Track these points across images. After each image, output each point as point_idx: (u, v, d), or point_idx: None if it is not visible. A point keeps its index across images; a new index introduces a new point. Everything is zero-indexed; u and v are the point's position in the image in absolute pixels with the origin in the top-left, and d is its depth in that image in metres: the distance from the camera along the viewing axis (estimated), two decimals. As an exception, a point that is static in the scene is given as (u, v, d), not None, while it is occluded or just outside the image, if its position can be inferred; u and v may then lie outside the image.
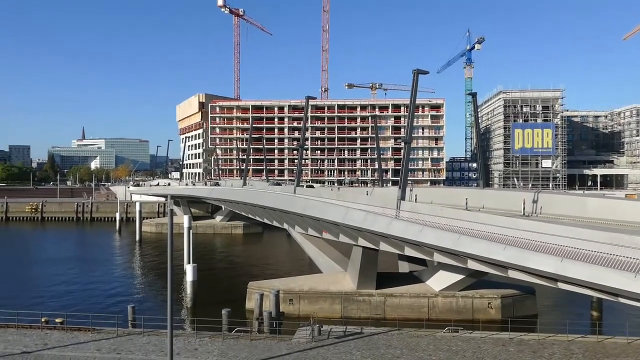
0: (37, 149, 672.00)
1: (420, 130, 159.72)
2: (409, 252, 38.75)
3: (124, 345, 30.37)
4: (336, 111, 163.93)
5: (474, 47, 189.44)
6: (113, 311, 39.77)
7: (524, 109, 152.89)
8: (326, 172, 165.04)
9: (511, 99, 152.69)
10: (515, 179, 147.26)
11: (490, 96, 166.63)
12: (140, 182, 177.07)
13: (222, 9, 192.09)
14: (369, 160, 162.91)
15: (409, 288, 44.40)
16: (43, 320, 34.69)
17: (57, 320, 34.68)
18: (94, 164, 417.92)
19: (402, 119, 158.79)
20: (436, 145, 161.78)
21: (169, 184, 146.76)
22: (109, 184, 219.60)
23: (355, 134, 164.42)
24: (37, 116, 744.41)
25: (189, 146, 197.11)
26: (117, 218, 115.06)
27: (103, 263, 74.42)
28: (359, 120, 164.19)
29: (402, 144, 51.40)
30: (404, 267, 50.15)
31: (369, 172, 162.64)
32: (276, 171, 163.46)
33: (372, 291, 43.75)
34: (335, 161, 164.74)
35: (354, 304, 43.59)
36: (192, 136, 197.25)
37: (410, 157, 42.96)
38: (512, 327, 33.27)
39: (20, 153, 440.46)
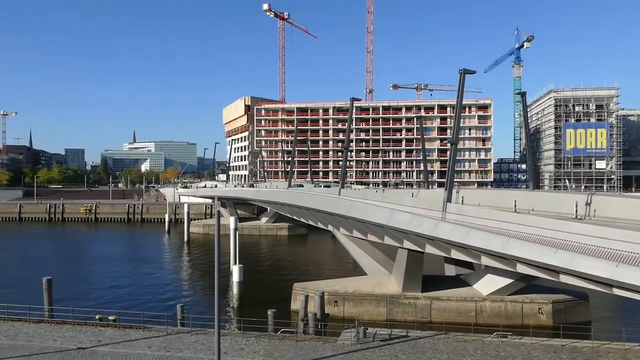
0: (91, 152, 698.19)
1: (467, 131, 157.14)
2: (455, 255, 38.10)
3: (173, 344, 31.10)
4: (381, 112, 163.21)
5: (522, 46, 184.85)
6: (163, 310, 40.80)
7: (576, 108, 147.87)
8: (371, 174, 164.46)
9: (562, 98, 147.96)
10: (566, 181, 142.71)
11: (540, 95, 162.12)
12: (188, 184, 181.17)
13: (268, 13, 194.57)
14: (414, 162, 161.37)
15: (456, 291, 43.62)
16: (97, 317, 35.95)
17: (110, 317, 35.90)
18: (144, 167, 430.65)
19: (449, 119, 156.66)
20: (483, 146, 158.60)
21: (215, 186, 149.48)
22: (159, 186, 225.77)
23: (400, 135, 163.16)
24: (91, 120, 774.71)
25: (235, 148, 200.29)
26: (166, 219, 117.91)
27: (153, 263, 76.47)
28: (404, 121, 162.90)
29: (449, 145, 50.64)
30: (450, 270, 49.35)
31: (414, 173, 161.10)
32: (321, 173, 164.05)
33: (418, 294, 43.23)
34: (380, 163, 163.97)
35: (399, 307, 43.20)
36: (238, 139, 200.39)
37: (457, 158, 42.30)
38: (564, 334, 32.10)
39: (76, 156, 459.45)
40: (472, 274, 45.83)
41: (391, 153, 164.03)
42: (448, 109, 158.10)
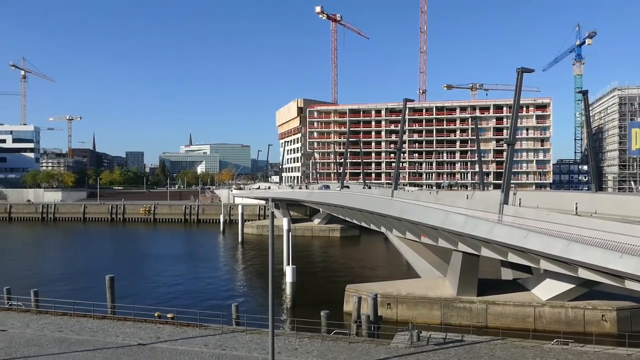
0: (150, 155, 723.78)
1: (525, 132, 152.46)
2: (512, 258, 37.02)
3: (229, 342, 31.71)
4: (434, 113, 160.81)
5: (584, 42, 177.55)
6: (218, 309, 41.66)
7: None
8: (424, 175, 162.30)
9: (627, 96, 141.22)
10: (632, 182, 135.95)
11: (603, 94, 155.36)
12: (242, 186, 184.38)
13: (320, 15, 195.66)
14: (468, 163, 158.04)
15: (513, 296, 42.40)
16: (156, 315, 37.15)
17: (169, 315, 36.99)
18: (200, 169, 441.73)
19: (505, 119, 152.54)
20: (542, 147, 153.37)
21: (269, 188, 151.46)
22: (214, 187, 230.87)
23: (455, 136, 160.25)
24: (150, 124, 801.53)
25: (287, 150, 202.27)
26: (221, 220, 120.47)
27: (208, 262, 78.32)
28: (458, 122, 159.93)
29: (505, 145, 49.27)
30: (507, 274, 48.02)
31: (469, 175, 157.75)
32: (373, 174, 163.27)
33: (473, 298, 42.30)
34: (434, 164, 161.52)
35: (453, 311, 42.41)
36: (290, 140, 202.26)
37: (514, 159, 41.12)
38: (630, 343, 30.58)
39: (135, 159, 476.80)
40: (531, 278, 44.42)
41: (445, 154, 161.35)
42: (504, 108, 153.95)
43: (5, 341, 31.71)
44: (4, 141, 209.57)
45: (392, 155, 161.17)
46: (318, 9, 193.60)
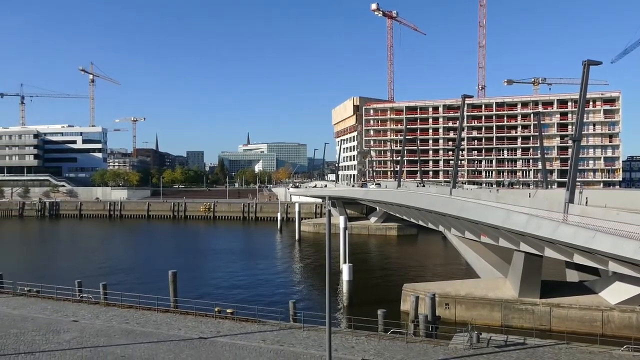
0: (209, 154, 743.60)
1: (591, 127, 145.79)
2: (578, 259, 35.52)
3: (286, 338, 32.08)
4: (494, 109, 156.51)
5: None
6: (276, 305, 42.23)
7: None
8: (484, 173, 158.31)
9: None
10: None
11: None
12: (299, 184, 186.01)
13: (376, 12, 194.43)
14: (531, 161, 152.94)
15: (579, 299, 40.65)
16: (216, 310, 38.09)
17: (228, 310, 37.83)
18: (258, 167, 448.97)
19: (570, 115, 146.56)
20: (610, 143, 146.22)
21: (325, 186, 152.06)
22: (271, 185, 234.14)
23: (516, 132, 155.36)
24: (210, 124, 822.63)
25: (344, 149, 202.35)
26: (278, 218, 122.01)
27: (266, 259, 79.55)
28: (519, 118, 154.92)
29: (570, 142, 47.30)
30: (572, 276, 46.10)
31: (531, 173, 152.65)
32: (431, 172, 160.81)
33: (536, 300, 40.88)
34: (494, 162, 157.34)
35: (515, 313, 41.15)
36: (347, 139, 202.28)
37: (580, 156, 39.50)
38: None
39: (196, 158, 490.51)
40: (598, 281, 42.46)
41: (505, 151, 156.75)
42: (569, 103, 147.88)
43: (77, 331, 33.43)
44: (74, 142, 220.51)
45: (450, 153, 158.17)
46: (374, 6, 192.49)
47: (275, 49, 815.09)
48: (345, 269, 50.67)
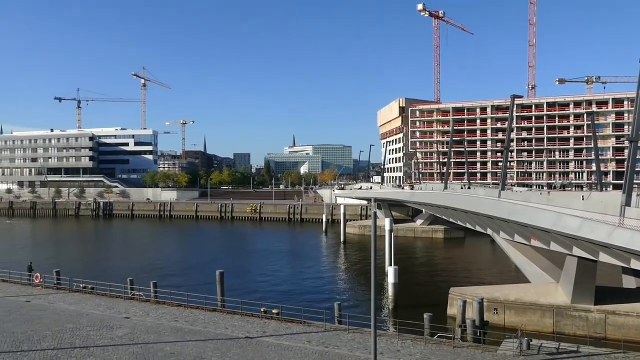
0: (255, 156, 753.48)
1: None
2: (636, 265, 33.99)
3: (331, 340, 32.11)
4: (545, 109, 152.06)
5: None
6: (321, 306, 42.36)
7: None
8: (534, 175, 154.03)
9: None
10: None
11: None
12: (344, 186, 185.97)
13: (422, 13, 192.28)
14: (584, 162, 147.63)
15: (636, 306, 38.91)
16: (262, 310, 38.54)
17: (274, 311, 38.21)
18: (303, 169, 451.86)
19: (626, 114, 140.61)
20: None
21: (370, 188, 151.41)
22: (316, 187, 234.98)
23: (568, 133, 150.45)
24: (256, 127, 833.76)
25: (389, 150, 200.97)
26: (323, 219, 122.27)
27: (311, 261, 79.87)
28: (571, 118, 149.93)
29: (627, 142, 45.31)
30: (629, 282, 44.18)
31: (584, 174, 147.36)
32: (478, 174, 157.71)
33: (590, 306, 39.41)
34: (544, 163, 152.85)
35: (567, 319, 39.79)
36: (392, 140, 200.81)
37: (638, 157, 37.77)
38: None
39: (242, 160, 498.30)
40: (657, 288, 40.58)
41: (557, 152, 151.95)
42: (625, 102, 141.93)
43: (129, 327, 34.52)
44: (127, 144, 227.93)
45: (499, 154, 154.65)
46: (420, 6, 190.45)
47: (321, 50, 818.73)
48: (390, 271, 50.32)
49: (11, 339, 32.11)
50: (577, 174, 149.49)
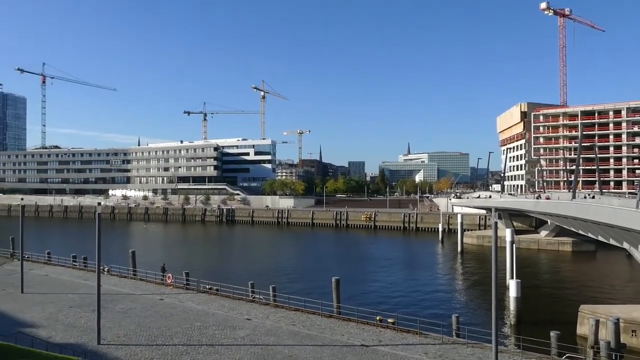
0: (370, 164, 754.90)
1: None
2: None
3: (449, 353, 31.17)
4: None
5: None
6: (437, 318, 41.31)
7: None
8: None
9: None
10: None
11: None
12: (461, 194, 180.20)
13: (546, 12, 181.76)
14: None
15: None
16: (378, 318, 38.40)
17: (390, 320, 37.90)
18: (418, 177, 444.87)
19: None
20: None
21: (489, 197, 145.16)
22: (432, 195, 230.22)
23: None
24: (370, 135, 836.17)
25: (510, 157, 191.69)
26: (440, 229, 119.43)
27: (427, 271, 78.28)
28: None
29: None
30: None
31: None
32: (612, 183, 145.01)
33: None
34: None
35: None
36: (513, 147, 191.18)
37: None
38: None
39: (357, 168, 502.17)
40: None
41: None
42: None
43: (250, 329, 36.16)
44: (247, 154, 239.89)
45: (636, 161, 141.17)
46: (543, 5, 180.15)
47: (437, 57, 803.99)
48: (512, 284, 47.85)
49: (148, 333, 35.16)
50: None
